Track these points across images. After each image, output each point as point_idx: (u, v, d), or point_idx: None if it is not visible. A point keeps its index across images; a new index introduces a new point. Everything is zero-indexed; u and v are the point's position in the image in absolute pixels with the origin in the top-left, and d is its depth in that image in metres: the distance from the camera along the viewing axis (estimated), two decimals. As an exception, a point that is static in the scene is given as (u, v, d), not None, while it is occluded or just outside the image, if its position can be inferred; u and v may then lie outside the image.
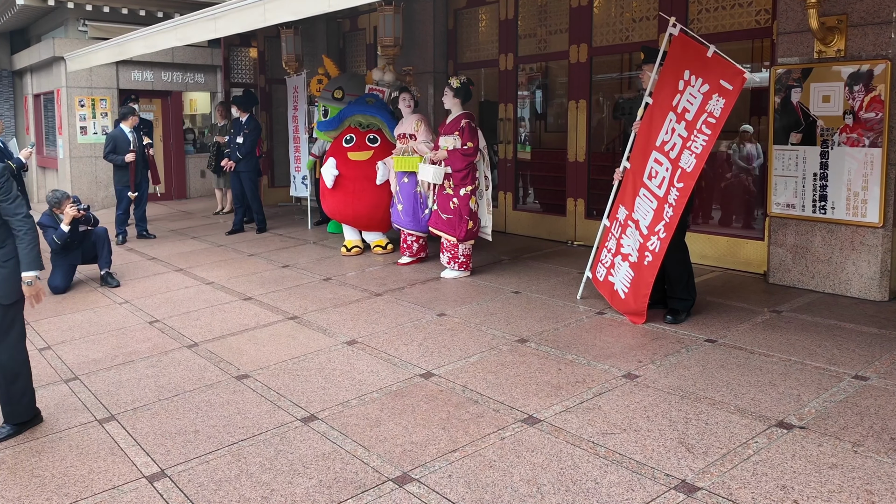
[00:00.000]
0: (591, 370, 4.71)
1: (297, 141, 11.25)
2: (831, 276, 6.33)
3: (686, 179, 5.30)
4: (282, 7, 6.40)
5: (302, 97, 10.88)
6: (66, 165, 13.55)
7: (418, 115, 8.07)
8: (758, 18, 7.05)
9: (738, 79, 5.09)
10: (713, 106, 5.20)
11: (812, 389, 4.27)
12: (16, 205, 4.02)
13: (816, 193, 6.33)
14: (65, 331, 6.10)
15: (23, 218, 4.02)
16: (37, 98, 15.47)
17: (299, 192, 11.36)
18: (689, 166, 5.29)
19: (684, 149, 5.34)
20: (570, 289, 6.67)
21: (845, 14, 6.09)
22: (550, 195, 9.57)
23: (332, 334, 5.66)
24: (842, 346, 4.98)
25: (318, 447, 3.80)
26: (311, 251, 8.96)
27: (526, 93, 10.17)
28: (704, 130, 5.23)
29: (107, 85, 13.72)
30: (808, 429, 3.77)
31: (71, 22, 13.46)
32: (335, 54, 12.81)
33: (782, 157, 6.53)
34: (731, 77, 5.13)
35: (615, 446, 3.66)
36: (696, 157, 5.25)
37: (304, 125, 10.84)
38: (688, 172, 5.29)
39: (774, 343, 5.10)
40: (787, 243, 6.59)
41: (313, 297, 6.78)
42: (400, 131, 8.11)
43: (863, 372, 4.52)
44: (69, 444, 3.97)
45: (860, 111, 6.00)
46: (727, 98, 5.13)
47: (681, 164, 5.35)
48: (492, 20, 10.06)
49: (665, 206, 5.41)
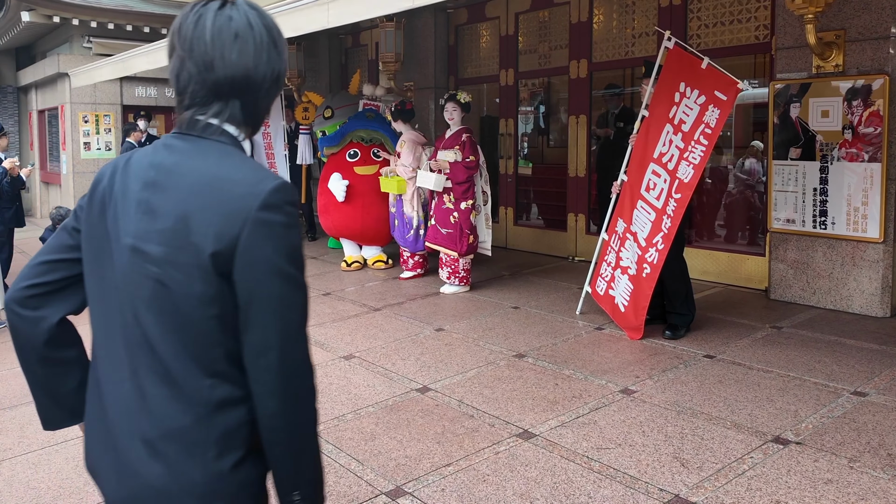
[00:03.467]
0: (588, 385, 4.69)
1: (270, 157, 11.10)
2: (832, 291, 6.30)
3: (684, 190, 5.30)
4: (282, 23, 6.38)
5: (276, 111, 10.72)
6: (70, 181, 13.60)
7: (413, 135, 8.01)
8: (757, 34, 7.07)
9: (732, 89, 5.12)
10: (709, 117, 5.22)
11: (810, 405, 4.25)
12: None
13: (816, 209, 6.33)
14: (63, 345, 6.09)
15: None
16: (41, 114, 15.56)
17: None
18: (687, 177, 5.29)
19: (682, 160, 5.35)
20: (569, 304, 6.66)
21: (843, 29, 6.10)
22: (551, 210, 9.57)
23: (329, 349, 5.65)
24: (841, 362, 4.96)
25: (313, 461, 3.78)
26: (311, 266, 8.96)
27: (527, 108, 10.19)
28: (702, 141, 5.24)
29: (111, 101, 13.80)
30: (804, 444, 3.75)
31: (76, 38, 13.54)
32: (337, 70, 12.88)
33: (782, 172, 6.53)
34: (724, 88, 5.16)
35: (610, 461, 3.64)
36: (694, 168, 5.26)
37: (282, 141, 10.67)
38: (685, 183, 5.30)
39: (773, 359, 5.08)
40: (787, 259, 6.57)
41: (312, 311, 6.77)
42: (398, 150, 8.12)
43: (862, 388, 4.49)
44: (65, 457, 3.96)
45: (859, 126, 6.00)
46: (722, 109, 5.16)
47: (678, 175, 5.36)
48: (493, 36, 10.10)
49: (664, 217, 5.41)
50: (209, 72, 1.47)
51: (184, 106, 1.52)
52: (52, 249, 1.60)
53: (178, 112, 1.54)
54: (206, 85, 1.48)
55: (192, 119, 1.51)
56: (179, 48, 1.50)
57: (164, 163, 1.47)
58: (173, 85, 1.54)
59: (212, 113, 1.50)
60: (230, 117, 1.51)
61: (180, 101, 1.53)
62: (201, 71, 1.47)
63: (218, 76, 1.47)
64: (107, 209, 1.50)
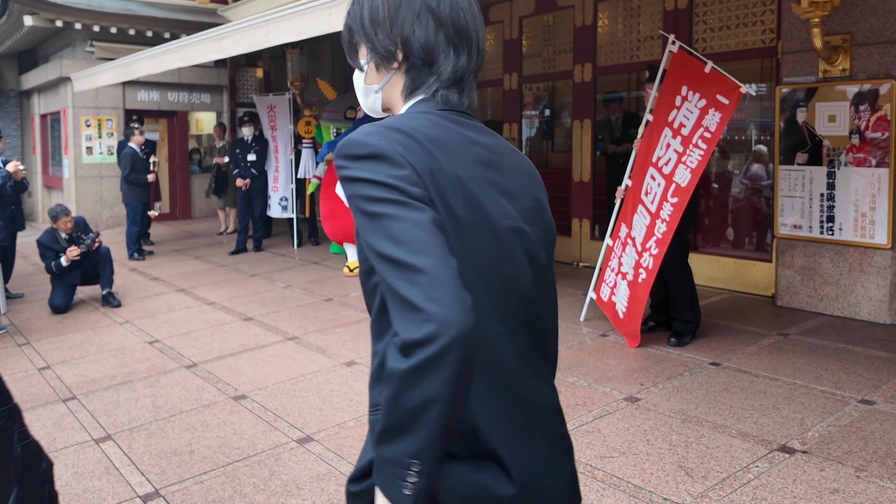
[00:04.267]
0: (591, 393, 4.64)
1: (276, 161, 11.14)
2: (840, 298, 6.25)
3: (680, 194, 5.25)
4: (284, 28, 6.41)
5: (283, 116, 10.80)
6: (72, 185, 13.58)
7: None
8: (763, 38, 7.02)
9: (735, 93, 5.08)
10: (709, 121, 5.18)
11: (816, 413, 4.19)
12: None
13: (823, 214, 6.27)
14: (65, 350, 6.06)
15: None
16: (43, 118, 15.55)
17: (274, 212, 11.18)
18: (684, 181, 5.24)
19: (679, 163, 5.30)
20: (573, 310, 6.60)
21: (850, 33, 6.05)
22: (555, 215, 9.39)
23: (331, 355, 5.60)
24: (849, 370, 4.90)
25: (313, 468, 3.74)
26: (314, 271, 8.92)
27: (531, 112, 10.15)
28: (700, 145, 5.20)
29: (113, 105, 13.78)
30: (810, 453, 3.69)
31: (78, 43, 13.54)
32: (340, 74, 12.84)
33: (788, 178, 6.48)
34: (727, 92, 5.12)
35: (613, 470, 3.59)
36: (692, 172, 5.21)
37: (288, 146, 10.75)
38: (682, 187, 5.24)
39: (780, 367, 5.02)
40: (794, 265, 6.52)
41: (314, 317, 6.73)
42: None
43: (869, 396, 4.43)
44: (65, 464, 3.92)
45: (866, 131, 5.95)
46: (724, 112, 5.12)
47: (675, 178, 5.30)
48: (496, 40, 10.06)
49: (657, 221, 5.36)
50: (480, 55, 1.49)
51: (449, 86, 1.46)
52: (448, 250, 1.20)
53: (433, 90, 1.46)
54: (477, 66, 1.50)
55: (460, 99, 1.47)
56: (455, 30, 1.45)
57: (482, 141, 1.43)
58: (444, 71, 1.45)
59: (469, 92, 1.49)
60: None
61: (447, 83, 1.46)
62: (480, 53, 1.49)
63: (481, 57, 1.50)
64: (447, 192, 1.30)
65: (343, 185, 1.29)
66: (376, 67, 1.49)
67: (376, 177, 1.24)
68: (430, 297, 1.12)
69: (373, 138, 1.29)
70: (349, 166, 1.28)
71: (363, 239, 1.24)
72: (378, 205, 1.22)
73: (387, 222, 1.20)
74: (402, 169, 1.25)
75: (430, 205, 1.24)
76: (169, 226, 13.80)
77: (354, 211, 1.26)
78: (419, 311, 1.11)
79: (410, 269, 1.15)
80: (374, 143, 1.27)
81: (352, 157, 1.28)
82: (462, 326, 1.11)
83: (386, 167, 1.25)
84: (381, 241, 1.19)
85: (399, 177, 1.24)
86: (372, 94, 1.54)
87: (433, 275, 1.14)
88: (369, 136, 1.29)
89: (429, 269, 1.14)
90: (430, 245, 1.17)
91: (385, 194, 1.22)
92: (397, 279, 1.15)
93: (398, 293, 1.15)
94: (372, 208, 1.22)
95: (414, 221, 1.19)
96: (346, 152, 1.29)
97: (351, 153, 1.29)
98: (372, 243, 1.20)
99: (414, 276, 1.14)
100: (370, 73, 1.52)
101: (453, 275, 1.15)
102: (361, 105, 1.61)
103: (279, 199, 11.04)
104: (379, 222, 1.21)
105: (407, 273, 1.15)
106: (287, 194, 10.87)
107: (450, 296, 1.13)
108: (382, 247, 1.19)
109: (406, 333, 1.12)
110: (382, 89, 1.51)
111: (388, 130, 1.31)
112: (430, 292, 1.12)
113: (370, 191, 1.23)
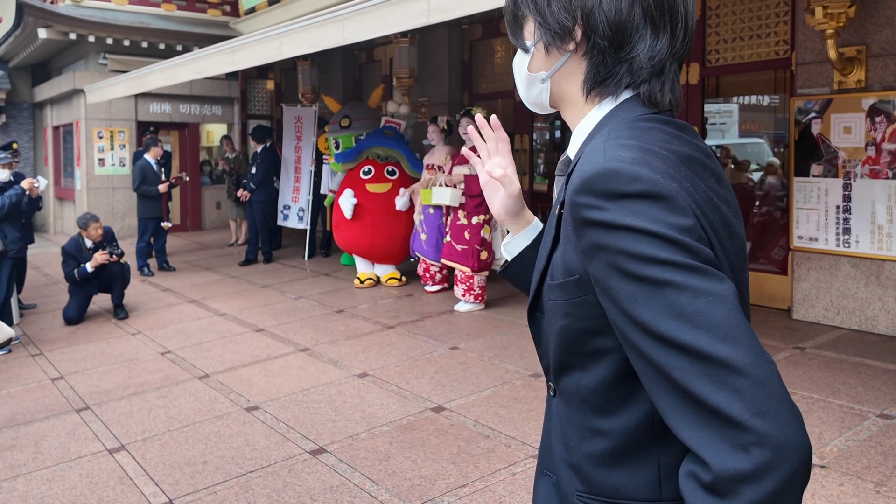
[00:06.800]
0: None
1: (297, 171, 11.16)
2: (857, 311, 6.19)
3: None
4: (297, 40, 6.42)
5: (308, 128, 10.85)
6: (84, 196, 13.63)
7: (449, 148, 8.01)
8: (777, 49, 6.99)
9: None
10: None
11: (834, 428, 4.14)
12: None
13: (840, 227, 6.22)
14: (77, 361, 6.06)
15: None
16: (56, 130, 15.62)
17: (291, 223, 11.20)
18: None
19: None
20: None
21: (865, 45, 6.02)
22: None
23: (343, 366, 5.58)
24: (867, 384, 4.85)
25: (327, 480, 3.71)
26: (325, 283, 8.91)
27: (542, 124, 10.14)
28: None
29: (125, 117, 13.84)
30: (828, 468, 3.64)
31: (91, 55, 13.61)
32: (351, 86, 12.88)
33: (804, 189, 6.43)
34: None
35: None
36: None
37: (311, 157, 10.79)
38: None
39: (797, 380, 4.97)
40: (810, 278, 6.47)
41: (325, 328, 6.71)
42: (429, 161, 8.05)
43: (888, 410, 4.38)
44: (79, 474, 3.91)
45: (882, 142, 5.90)
46: None
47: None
48: (507, 51, 10.07)
49: None
50: (689, 35, 1.18)
51: (650, 78, 1.14)
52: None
53: (634, 84, 1.14)
54: (683, 51, 1.18)
55: (663, 96, 1.15)
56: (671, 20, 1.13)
57: (704, 148, 1.12)
58: (638, 57, 1.12)
59: (673, 86, 1.17)
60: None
61: (645, 74, 1.13)
62: (688, 32, 1.18)
63: (690, 39, 1.20)
64: (719, 233, 1.05)
65: (590, 233, 0.98)
66: (545, 49, 1.17)
67: (655, 227, 0.93)
68: (757, 410, 0.85)
69: (643, 169, 0.96)
70: (607, 207, 0.95)
71: (624, 308, 0.95)
72: (658, 268, 0.92)
73: (672, 294, 0.90)
74: (687, 217, 0.95)
75: (720, 267, 0.96)
76: (180, 237, 13.82)
77: (609, 269, 0.96)
78: (743, 429, 0.85)
79: (719, 365, 0.87)
80: (647, 176, 0.96)
81: (613, 196, 0.96)
82: (804, 451, 0.85)
83: (667, 214, 0.94)
84: (666, 320, 0.90)
85: (684, 228, 0.94)
86: (537, 85, 1.21)
87: (755, 377, 0.86)
88: (636, 166, 0.96)
89: (748, 369, 0.86)
90: (742, 331, 0.89)
91: (669, 255, 0.92)
92: (698, 378, 0.88)
93: (701, 399, 0.87)
94: (648, 272, 0.92)
95: (715, 295, 0.90)
96: (604, 188, 0.96)
97: (611, 189, 0.96)
98: (646, 320, 0.91)
99: (727, 378, 0.86)
100: (537, 56, 1.19)
101: (777, 375, 0.88)
102: (522, 98, 1.28)
103: (297, 209, 11.06)
104: (661, 292, 0.91)
105: (715, 371, 0.87)
106: (304, 205, 10.88)
107: (783, 408, 0.86)
108: (668, 328, 0.90)
109: (723, 462, 0.85)
110: (552, 78, 1.19)
111: (649, 155, 0.99)
112: (756, 403, 0.85)
113: (646, 248, 0.92)
